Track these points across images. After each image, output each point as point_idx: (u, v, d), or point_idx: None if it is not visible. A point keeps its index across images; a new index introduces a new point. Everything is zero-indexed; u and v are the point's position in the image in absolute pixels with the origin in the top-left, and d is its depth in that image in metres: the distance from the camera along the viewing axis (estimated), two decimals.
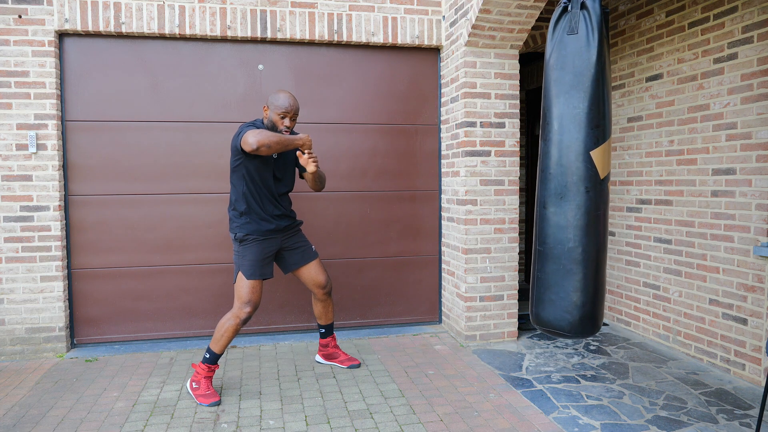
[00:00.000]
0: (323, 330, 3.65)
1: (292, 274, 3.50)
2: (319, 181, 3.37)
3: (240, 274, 3.18)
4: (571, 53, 2.26)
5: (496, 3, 3.59)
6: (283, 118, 3.18)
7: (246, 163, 3.13)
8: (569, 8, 2.29)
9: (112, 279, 4.10)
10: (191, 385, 3.17)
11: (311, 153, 3.18)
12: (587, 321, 2.33)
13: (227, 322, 3.14)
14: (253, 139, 2.91)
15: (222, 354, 3.19)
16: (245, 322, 3.17)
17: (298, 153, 3.18)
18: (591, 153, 2.25)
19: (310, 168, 3.17)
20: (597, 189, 2.28)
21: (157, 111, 4.12)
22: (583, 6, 2.26)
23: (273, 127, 3.21)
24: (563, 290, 2.32)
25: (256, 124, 3.20)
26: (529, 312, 2.51)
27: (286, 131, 3.20)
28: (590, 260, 2.30)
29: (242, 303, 3.15)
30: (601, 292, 2.36)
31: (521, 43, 4.02)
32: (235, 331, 3.15)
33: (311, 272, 3.45)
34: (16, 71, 3.78)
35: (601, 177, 2.28)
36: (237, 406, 3.08)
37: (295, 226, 3.44)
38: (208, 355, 3.16)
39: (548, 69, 2.35)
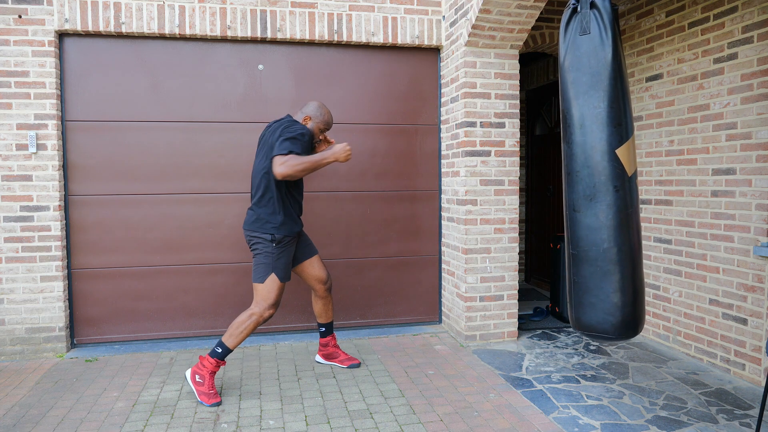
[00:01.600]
0: (323, 329, 3.65)
1: (293, 271, 3.51)
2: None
3: (273, 275, 3.15)
4: (585, 54, 2.25)
5: (496, 3, 3.59)
6: (323, 131, 3.39)
7: None
8: (579, 9, 2.28)
9: (112, 279, 4.10)
10: (194, 377, 3.13)
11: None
12: (630, 321, 2.29)
13: (249, 319, 3.13)
14: (278, 169, 3.00)
15: (233, 351, 3.18)
16: (265, 321, 3.20)
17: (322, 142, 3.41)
18: (617, 151, 2.23)
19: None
20: (626, 187, 2.25)
21: (157, 111, 4.12)
22: (593, 5, 2.25)
23: (312, 137, 3.33)
24: (602, 292, 2.28)
25: (303, 133, 3.16)
26: (569, 318, 2.48)
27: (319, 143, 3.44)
28: (627, 259, 2.26)
29: (269, 304, 3.15)
30: (640, 290, 2.31)
31: (521, 43, 4.02)
32: (254, 329, 3.16)
33: (313, 268, 3.47)
34: (16, 71, 3.78)
35: (629, 174, 2.25)
36: (237, 406, 3.08)
37: None
38: (219, 350, 3.13)
39: (564, 71, 2.33)
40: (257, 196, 3.20)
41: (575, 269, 2.36)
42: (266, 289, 3.15)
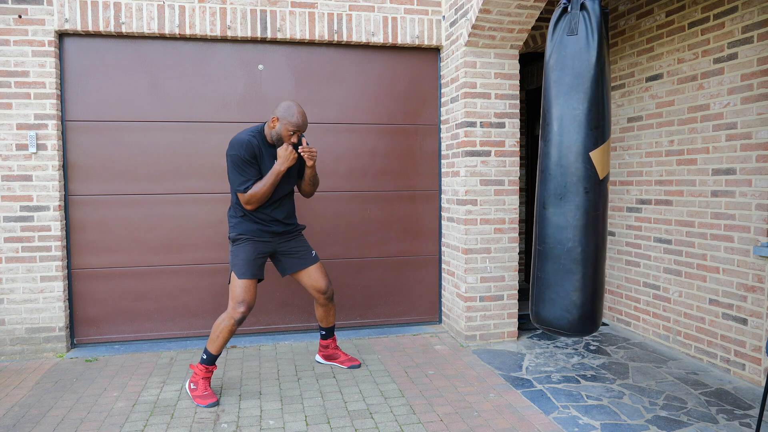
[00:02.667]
0: (324, 332, 3.65)
1: (292, 278, 3.50)
2: (312, 183, 3.40)
3: (233, 273, 3.19)
4: (570, 54, 2.27)
5: (496, 3, 3.59)
6: (292, 134, 3.14)
7: None
8: (569, 9, 2.29)
9: (112, 279, 4.10)
10: (189, 386, 3.17)
11: (310, 149, 3.22)
12: (586, 320, 2.35)
13: (222, 322, 3.14)
14: (250, 207, 3.15)
15: (219, 355, 3.18)
16: (240, 322, 3.15)
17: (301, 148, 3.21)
18: (590, 154, 2.26)
19: (309, 162, 3.26)
20: (596, 190, 2.29)
21: (157, 111, 4.12)
22: (582, 7, 2.26)
23: (279, 139, 3.16)
24: (563, 289, 2.34)
25: (235, 155, 3.07)
26: (529, 311, 2.52)
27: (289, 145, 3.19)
28: (589, 260, 2.31)
29: (236, 303, 3.14)
30: (599, 291, 2.38)
31: (521, 43, 4.02)
32: (231, 332, 3.14)
33: (311, 277, 3.43)
34: (16, 71, 3.78)
35: (601, 178, 2.29)
36: (237, 406, 3.08)
37: (293, 231, 3.39)
38: (205, 356, 3.16)
39: (548, 70, 2.35)
40: (231, 201, 3.30)
41: (539, 264, 2.42)
42: (232, 288, 3.18)
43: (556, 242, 2.33)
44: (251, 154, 3.12)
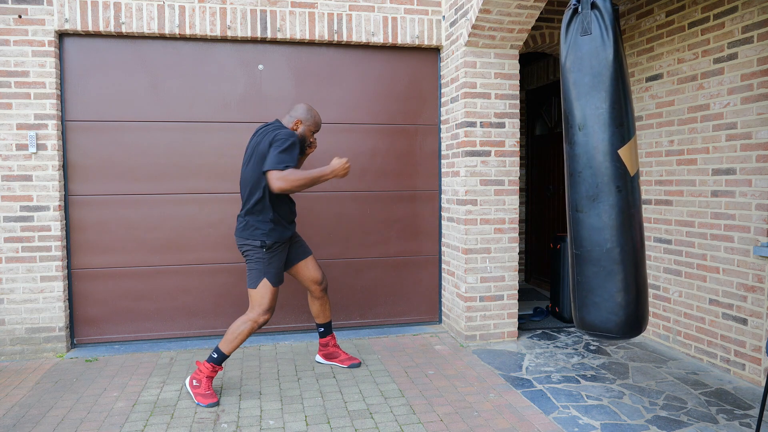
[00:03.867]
0: (322, 329, 3.65)
1: (288, 273, 3.51)
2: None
3: (265, 281, 3.15)
4: (587, 54, 2.25)
5: (496, 3, 3.59)
6: (313, 134, 3.42)
7: None
8: (580, 9, 2.28)
9: (112, 279, 4.10)
10: (191, 382, 3.17)
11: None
12: (633, 320, 2.31)
13: (243, 325, 3.14)
14: (276, 184, 2.98)
15: (229, 356, 3.18)
16: (261, 327, 3.19)
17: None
18: (619, 152, 2.24)
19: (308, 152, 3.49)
20: (629, 187, 2.26)
21: (157, 111, 4.12)
22: (593, 6, 2.25)
23: (303, 140, 3.38)
24: (606, 292, 2.29)
25: (294, 142, 3.10)
26: (571, 317, 2.49)
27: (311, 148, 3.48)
28: (629, 259, 2.27)
29: (263, 310, 3.15)
30: (644, 289, 2.33)
31: (521, 43, 4.02)
32: (249, 334, 3.17)
33: (308, 269, 3.47)
34: (16, 71, 3.78)
35: (631, 174, 2.26)
36: (237, 406, 3.08)
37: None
38: (215, 355, 3.15)
39: (565, 72, 2.33)
40: (247, 204, 3.18)
41: (579, 269, 2.36)
42: (259, 295, 3.15)
43: (593, 245, 2.29)
44: (302, 144, 3.36)
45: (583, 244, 2.33)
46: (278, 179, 2.97)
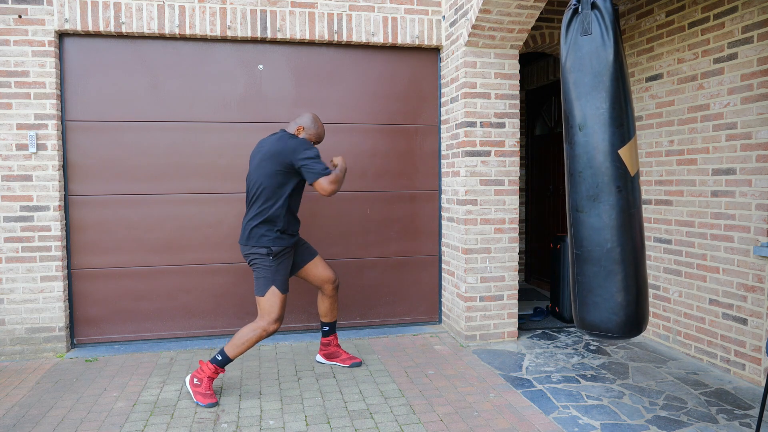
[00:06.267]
0: (326, 328, 3.65)
1: (297, 276, 3.50)
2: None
3: (273, 288, 3.15)
4: (587, 54, 2.26)
5: (496, 3, 3.59)
6: (315, 144, 3.42)
7: (294, 181, 3.19)
8: (580, 9, 2.28)
9: (112, 279, 4.10)
10: (192, 380, 3.16)
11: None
12: (633, 320, 2.32)
13: (252, 332, 3.13)
14: (330, 188, 3.10)
15: (233, 361, 3.18)
16: (270, 335, 3.18)
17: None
18: (619, 152, 2.24)
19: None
20: (629, 187, 2.27)
21: (157, 111, 4.12)
22: (593, 6, 2.25)
23: None
24: (606, 291, 2.30)
25: (310, 144, 3.22)
26: (572, 316, 2.50)
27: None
28: (629, 259, 2.28)
29: (273, 318, 3.14)
30: (644, 289, 2.34)
31: (521, 43, 4.02)
32: (257, 342, 3.16)
33: (318, 269, 3.47)
34: (16, 71, 3.78)
35: (632, 174, 2.27)
36: (237, 406, 3.08)
37: None
38: (220, 358, 3.14)
39: (565, 72, 2.33)
40: (254, 211, 3.18)
41: (579, 269, 2.37)
42: (268, 303, 3.14)
43: (594, 244, 2.30)
44: None
45: (584, 244, 2.34)
46: (330, 183, 3.10)
